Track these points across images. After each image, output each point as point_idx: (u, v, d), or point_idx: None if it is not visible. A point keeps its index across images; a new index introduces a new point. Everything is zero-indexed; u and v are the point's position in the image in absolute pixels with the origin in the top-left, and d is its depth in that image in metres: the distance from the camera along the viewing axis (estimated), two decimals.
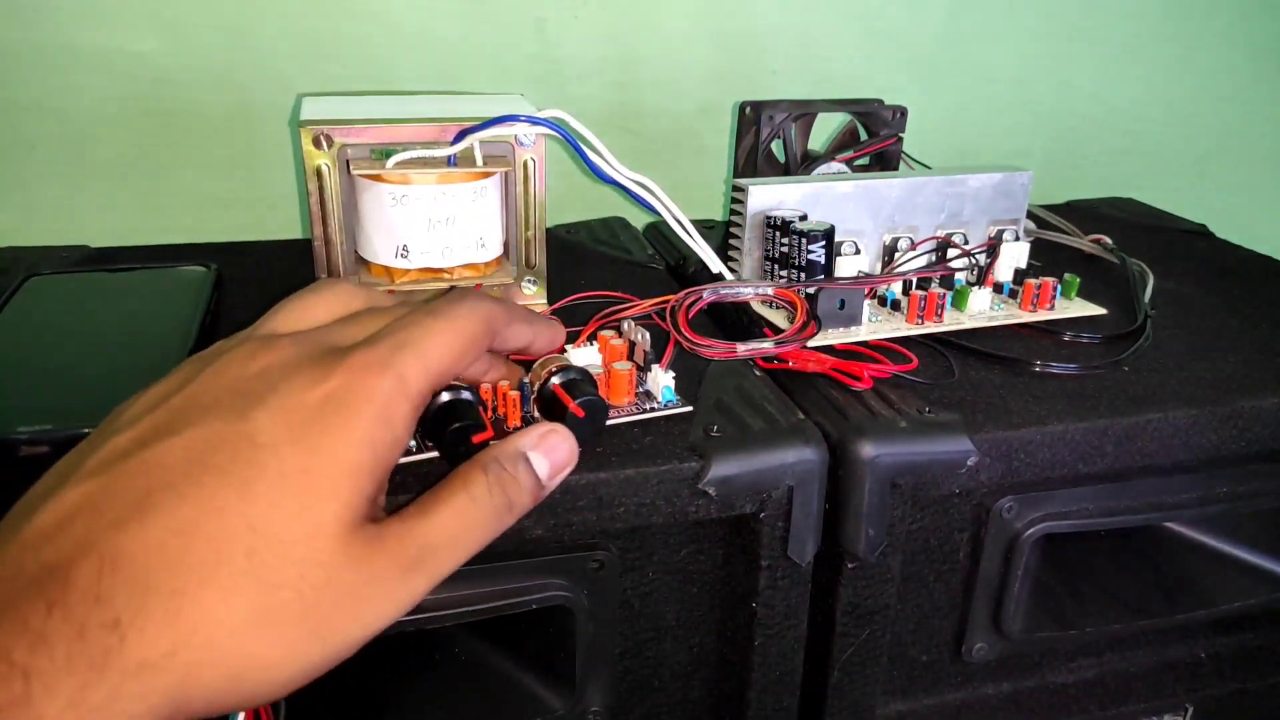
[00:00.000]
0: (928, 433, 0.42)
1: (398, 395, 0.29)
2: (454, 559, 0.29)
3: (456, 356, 0.31)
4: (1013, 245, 0.56)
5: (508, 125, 0.48)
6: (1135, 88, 0.89)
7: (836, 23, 0.78)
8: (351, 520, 0.27)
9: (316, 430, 0.27)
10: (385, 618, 0.28)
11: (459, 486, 0.30)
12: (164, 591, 0.24)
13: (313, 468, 0.26)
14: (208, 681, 0.25)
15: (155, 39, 0.66)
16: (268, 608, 0.25)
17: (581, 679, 0.43)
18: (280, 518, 0.26)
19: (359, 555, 0.27)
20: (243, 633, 0.25)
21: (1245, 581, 0.54)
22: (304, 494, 0.26)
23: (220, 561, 0.25)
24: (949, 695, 0.52)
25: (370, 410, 0.28)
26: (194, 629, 0.24)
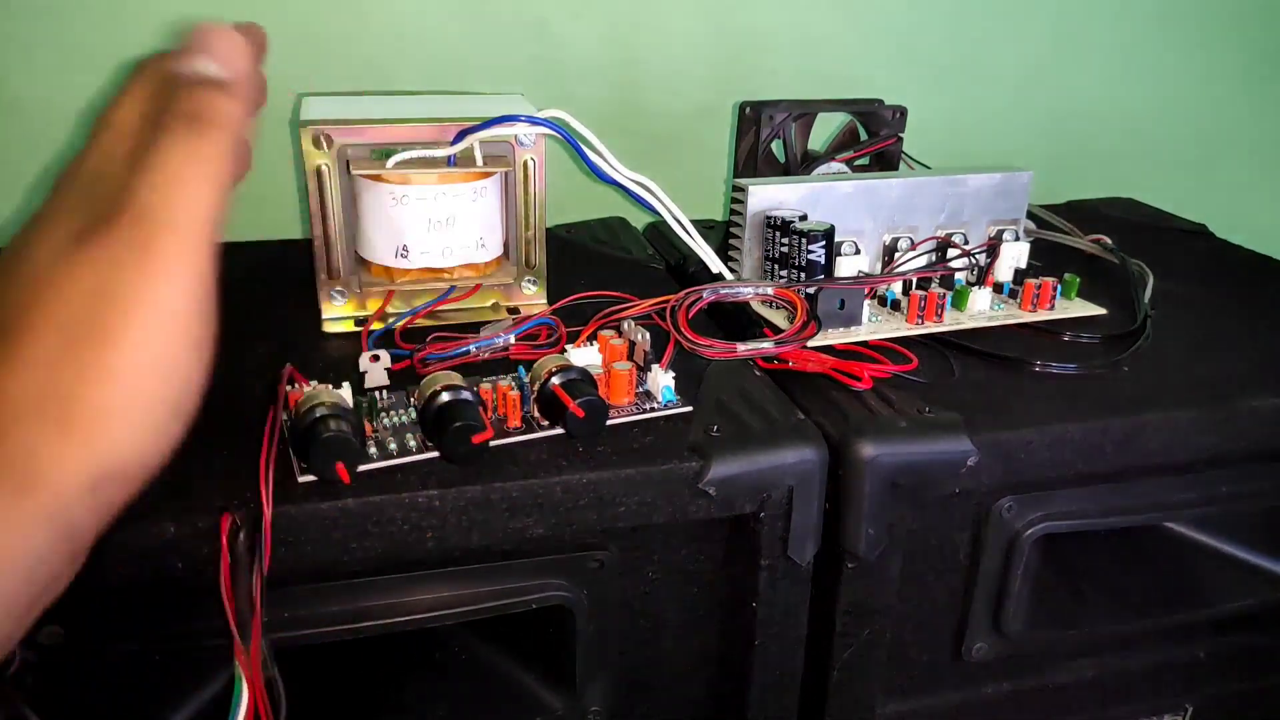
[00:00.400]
0: (928, 433, 0.42)
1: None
2: (184, 205, 0.28)
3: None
4: (1013, 245, 0.56)
5: (508, 125, 0.48)
6: (1135, 88, 0.89)
7: (836, 23, 0.78)
8: (77, 227, 0.27)
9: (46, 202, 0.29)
10: (160, 291, 0.27)
11: (144, 146, 0.28)
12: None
13: (26, 232, 0.28)
14: (37, 448, 0.25)
15: (156, 39, 0.66)
16: (43, 346, 0.26)
17: (582, 679, 0.43)
18: (25, 264, 0.27)
19: (90, 255, 0.27)
20: (32, 377, 0.25)
21: (1245, 581, 0.54)
22: (21, 253, 0.28)
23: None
24: (949, 695, 0.52)
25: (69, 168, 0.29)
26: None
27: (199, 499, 0.35)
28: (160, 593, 0.35)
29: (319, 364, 0.47)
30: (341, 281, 0.50)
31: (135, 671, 0.37)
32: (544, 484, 0.37)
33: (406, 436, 0.39)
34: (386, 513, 0.36)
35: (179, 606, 0.36)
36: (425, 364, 0.45)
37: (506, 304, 0.53)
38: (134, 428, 0.26)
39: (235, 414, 0.41)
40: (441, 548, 0.37)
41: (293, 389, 0.39)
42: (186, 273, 0.27)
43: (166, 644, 0.37)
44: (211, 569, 0.34)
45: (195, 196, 0.28)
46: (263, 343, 0.48)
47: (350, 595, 0.39)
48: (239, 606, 0.33)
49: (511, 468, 0.38)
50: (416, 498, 0.36)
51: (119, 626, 0.36)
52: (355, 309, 0.51)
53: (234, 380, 0.44)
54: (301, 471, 0.36)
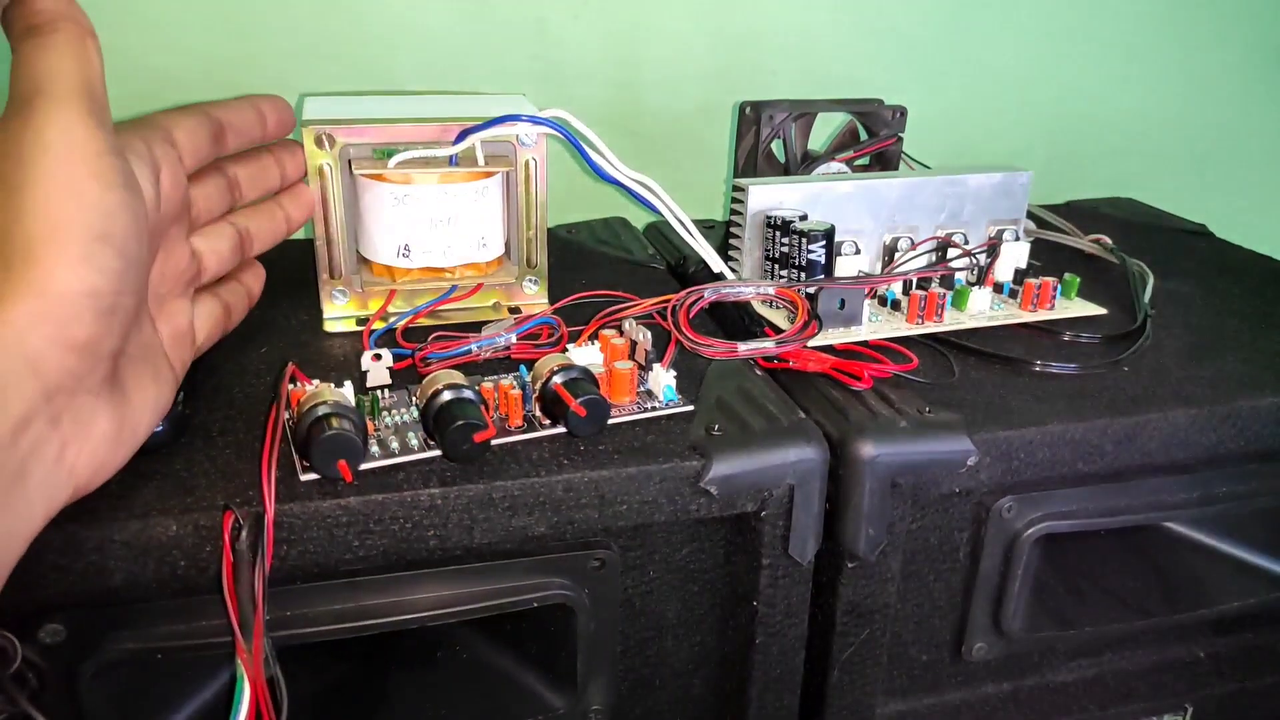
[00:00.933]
0: (928, 433, 0.42)
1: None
2: (52, 77, 0.32)
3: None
4: (1013, 245, 0.56)
5: (509, 125, 0.48)
6: (1135, 88, 0.89)
7: (836, 23, 0.79)
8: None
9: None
10: (50, 136, 0.31)
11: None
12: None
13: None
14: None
15: (156, 39, 0.66)
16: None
17: (582, 677, 0.43)
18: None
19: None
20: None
21: (1245, 581, 0.54)
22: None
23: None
24: (949, 695, 0.52)
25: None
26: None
27: (201, 497, 0.35)
28: (162, 591, 0.35)
29: (321, 363, 0.47)
30: (343, 281, 0.50)
31: (137, 670, 0.37)
32: (545, 482, 0.38)
33: (408, 435, 0.39)
34: (388, 511, 0.36)
35: (181, 606, 0.37)
36: (427, 363, 0.45)
37: (508, 303, 0.53)
38: (63, 253, 0.30)
39: (237, 413, 0.41)
40: (443, 546, 0.37)
41: (295, 388, 0.39)
42: (66, 122, 0.31)
43: (168, 642, 0.37)
44: (214, 567, 0.34)
45: (58, 70, 0.32)
46: (265, 342, 0.48)
47: (351, 594, 0.39)
48: (241, 605, 0.33)
49: (513, 466, 0.38)
50: (418, 496, 0.36)
51: (121, 625, 0.36)
52: (357, 308, 0.51)
53: (236, 379, 0.44)
54: (304, 470, 0.36)
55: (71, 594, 0.34)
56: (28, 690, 0.35)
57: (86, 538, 0.33)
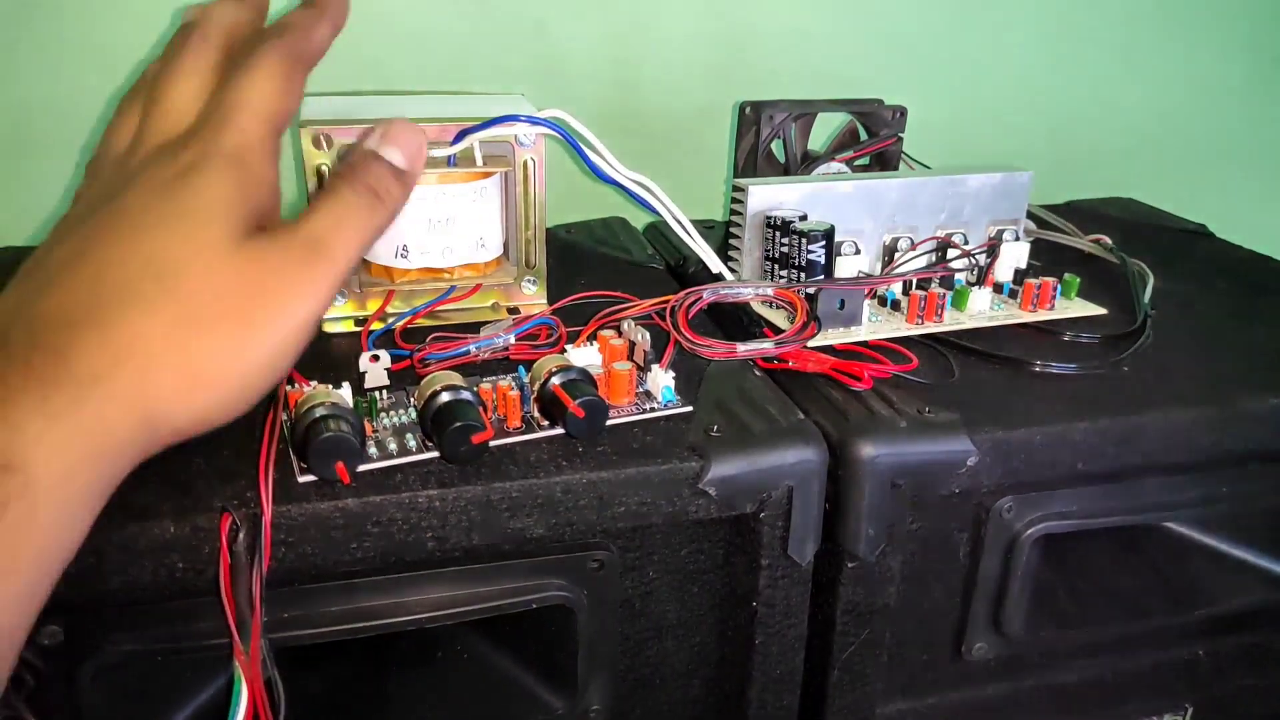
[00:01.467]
0: (928, 433, 0.42)
1: (237, 146, 0.33)
2: (344, 248, 0.34)
3: (282, 89, 0.34)
4: (1013, 245, 0.56)
5: (508, 125, 0.48)
6: (1135, 88, 0.89)
7: (836, 23, 0.78)
8: (235, 234, 0.31)
9: (179, 186, 0.31)
10: (304, 304, 0.32)
11: (326, 192, 0.35)
12: (89, 323, 0.29)
13: (185, 209, 0.31)
14: (165, 385, 0.29)
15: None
16: (188, 313, 0.30)
17: (582, 678, 0.43)
18: (172, 247, 0.30)
19: (255, 255, 0.31)
20: (175, 335, 0.29)
21: (1245, 581, 0.54)
22: (185, 227, 0.31)
23: (131, 291, 0.29)
24: (949, 695, 0.52)
25: (220, 160, 0.32)
26: (129, 342, 0.29)
27: (199, 498, 0.35)
28: (160, 592, 0.35)
29: (319, 364, 0.47)
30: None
31: (135, 671, 0.37)
32: (544, 484, 0.37)
33: (406, 436, 0.39)
34: (386, 512, 0.36)
35: (178, 606, 0.36)
36: (425, 364, 0.45)
37: (506, 304, 0.53)
38: (235, 398, 0.31)
39: None
40: (441, 547, 0.37)
41: (292, 389, 0.39)
42: (323, 299, 0.33)
43: (166, 644, 0.37)
44: (211, 569, 0.34)
45: (352, 243, 0.34)
46: None
47: (350, 595, 0.39)
48: (239, 607, 0.33)
49: (511, 467, 0.38)
50: (416, 498, 0.36)
51: (119, 626, 0.36)
52: (355, 309, 0.51)
53: None
54: (301, 471, 0.36)
55: (69, 596, 0.33)
56: (26, 692, 0.35)
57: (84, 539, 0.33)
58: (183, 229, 0.31)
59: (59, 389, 0.27)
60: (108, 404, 0.28)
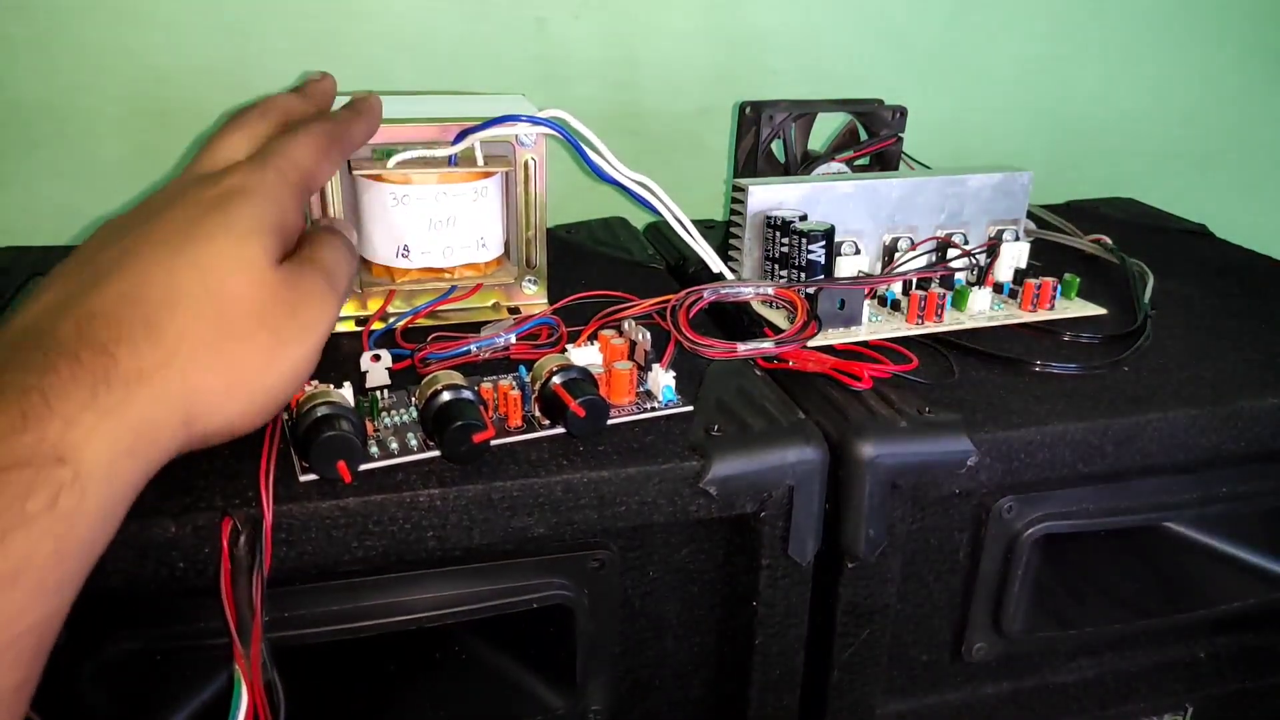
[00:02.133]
0: (928, 433, 0.42)
1: (275, 182, 0.36)
2: (345, 282, 0.39)
3: (318, 156, 0.39)
4: (1013, 245, 0.56)
5: (509, 125, 0.48)
6: (1136, 88, 0.89)
7: (836, 23, 0.78)
8: (271, 255, 0.34)
9: (225, 204, 0.34)
10: (321, 326, 0.36)
11: (321, 239, 0.39)
12: (138, 322, 0.30)
13: (229, 226, 0.34)
14: (205, 388, 0.31)
15: (156, 39, 0.66)
16: (231, 321, 0.32)
17: (582, 678, 0.43)
18: (220, 260, 0.33)
19: (287, 277, 0.35)
20: (219, 342, 0.32)
21: (1245, 581, 0.54)
22: (229, 242, 0.33)
23: (180, 294, 0.31)
24: (949, 695, 0.52)
25: (261, 189, 0.35)
26: (175, 343, 0.30)
27: (199, 498, 0.35)
28: (161, 591, 0.35)
29: (320, 364, 0.47)
30: None
31: (135, 671, 0.37)
32: (545, 483, 0.37)
33: (407, 436, 0.39)
34: (387, 512, 0.36)
35: (179, 606, 0.37)
36: (426, 363, 0.45)
37: (507, 304, 0.53)
38: (262, 406, 0.34)
39: None
40: (442, 547, 0.37)
41: None
42: (332, 324, 0.37)
43: (166, 643, 0.37)
44: (212, 568, 0.34)
45: (346, 281, 0.39)
46: None
47: (351, 595, 0.39)
48: (239, 610, 0.33)
49: (512, 467, 0.38)
50: (417, 497, 0.36)
51: (120, 625, 0.36)
52: (356, 309, 0.51)
53: None
54: (303, 471, 0.36)
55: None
56: None
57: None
58: (228, 244, 0.33)
59: (109, 387, 0.28)
60: (154, 401, 0.30)
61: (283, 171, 0.37)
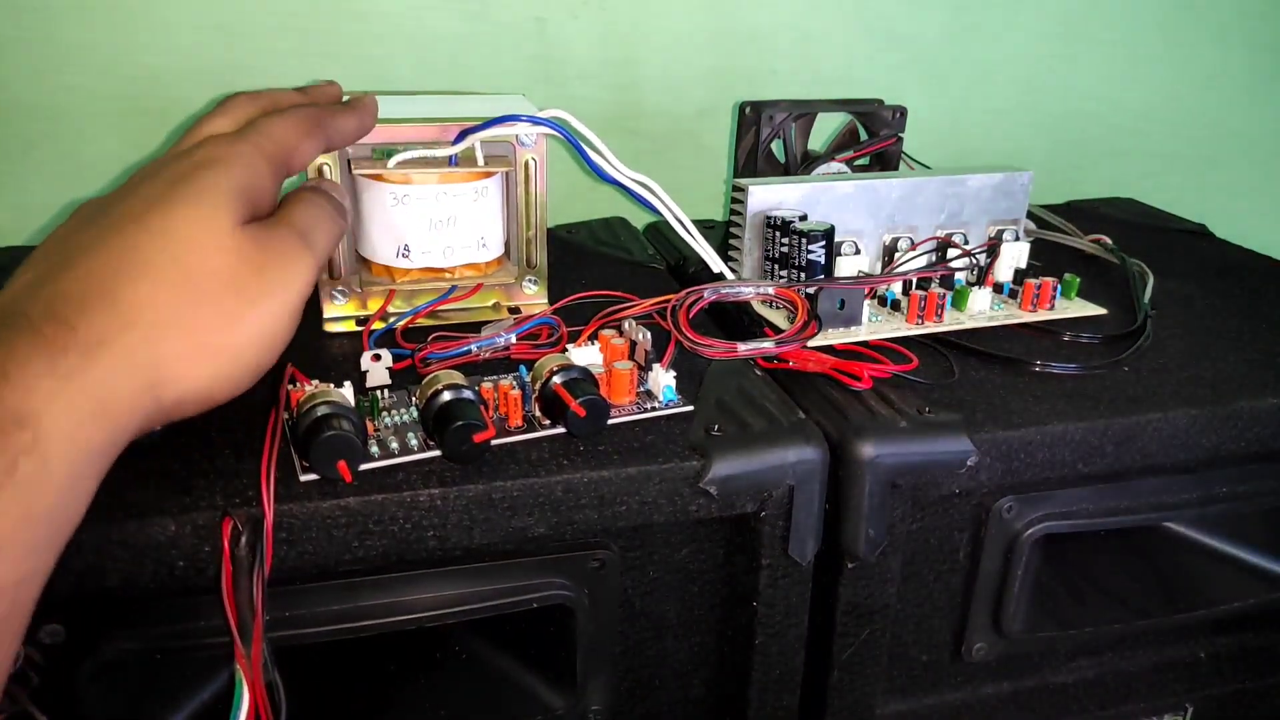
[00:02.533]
0: (928, 433, 0.42)
1: (248, 151, 0.37)
2: (322, 242, 0.38)
3: (298, 135, 0.39)
4: (1013, 245, 0.56)
5: (509, 125, 0.48)
6: (1136, 88, 0.89)
7: (836, 23, 0.78)
8: (237, 219, 0.35)
9: (193, 176, 0.35)
10: (292, 285, 0.35)
11: (299, 198, 0.40)
12: (100, 294, 0.31)
13: (195, 194, 0.34)
14: (169, 351, 0.31)
15: (154, 39, 0.66)
16: (194, 284, 0.32)
17: (582, 678, 0.43)
18: (183, 226, 0.33)
19: (254, 238, 0.35)
20: (180, 304, 0.32)
21: (1245, 581, 0.54)
22: (193, 209, 0.34)
23: (143, 264, 0.32)
24: (949, 695, 0.52)
25: (229, 157, 0.36)
26: (137, 311, 0.31)
27: (199, 497, 0.35)
28: (161, 591, 0.35)
29: (320, 363, 0.47)
30: (343, 281, 0.50)
31: (135, 671, 0.37)
32: (545, 483, 0.37)
33: (408, 435, 0.39)
34: (388, 511, 0.36)
35: (180, 605, 0.37)
36: (426, 363, 0.45)
37: (507, 303, 0.53)
38: (234, 369, 0.34)
39: (236, 412, 0.41)
40: (442, 547, 0.37)
41: (294, 388, 0.39)
42: (307, 284, 0.36)
43: (167, 643, 0.37)
44: (212, 567, 0.34)
45: (325, 241, 0.39)
46: None
47: (351, 594, 0.39)
48: (240, 610, 0.33)
49: (513, 467, 0.38)
50: (418, 496, 0.36)
51: (119, 625, 0.36)
52: (356, 308, 0.51)
53: None
54: (303, 470, 0.36)
55: (71, 594, 0.34)
56: (28, 689, 0.35)
57: (85, 538, 0.33)
58: (190, 210, 0.34)
59: (66, 354, 0.29)
60: (115, 366, 0.30)
61: (257, 143, 0.37)
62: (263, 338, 0.34)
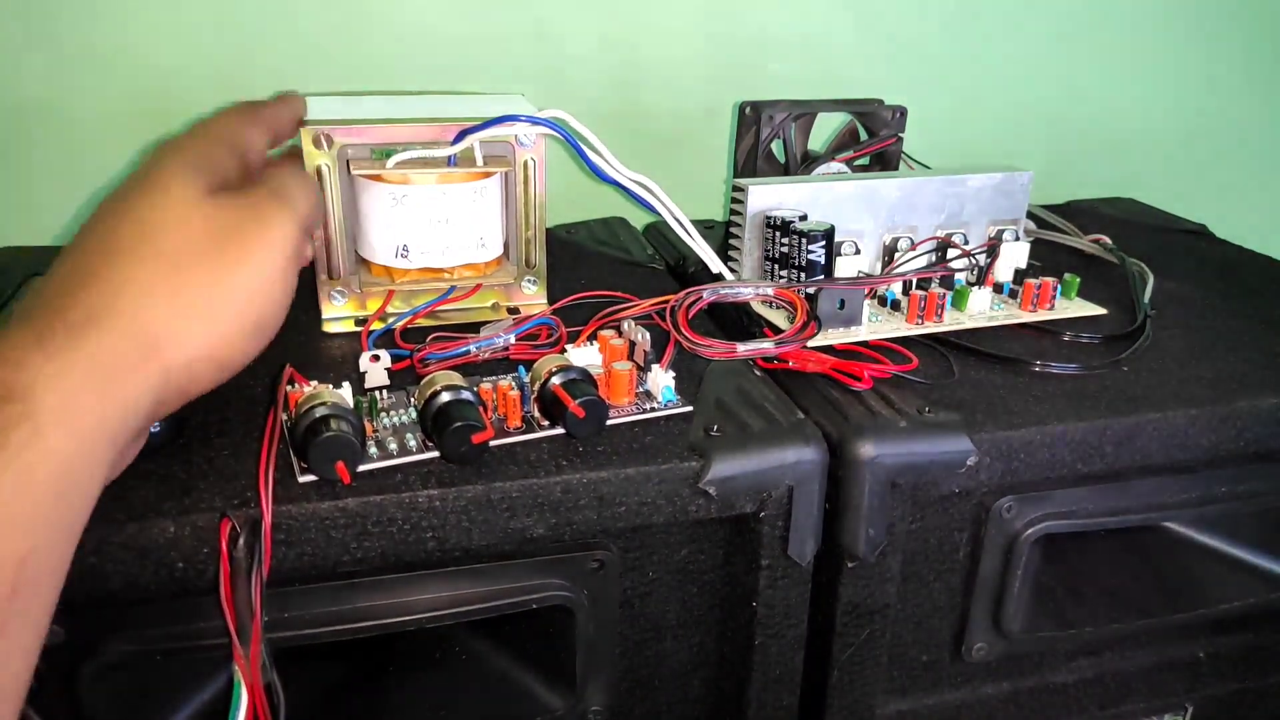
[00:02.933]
0: (928, 433, 0.42)
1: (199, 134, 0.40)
2: (301, 200, 0.39)
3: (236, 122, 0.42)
4: (1013, 245, 0.56)
5: (508, 125, 0.48)
6: (1135, 88, 0.89)
7: (836, 23, 0.78)
8: (202, 191, 0.36)
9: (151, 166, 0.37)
10: (272, 241, 0.37)
11: (275, 167, 0.42)
12: (84, 279, 0.32)
13: (159, 180, 0.36)
14: (160, 316, 0.33)
15: (156, 39, 0.66)
16: (171, 258, 0.34)
17: (582, 678, 0.43)
18: (152, 207, 0.35)
19: (224, 204, 0.36)
20: (164, 276, 0.33)
21: (1245, 581, 0.54)
22: (158, 194, 0.35)
23: (119, 249, 0.34)
24: (949, 695, 0.52)
25: (181, 145, 0.38)
26: (119, 288, 0.32)
27: (199, 499, 0.35)
28: (160, 592, 0.35)
29: (319, 364, 0.47)
30: (341, 281, 0.50)
31: (135, 671, 0.37)
32: (544, 484, 0.37)
33: (406, 436, 0.39)
34: (387, 512, 0.36)
35: (179, 607, 0.36)
36: (425, 364, 0.45)
37: (506, 304, 0.53)
38: (230, 326, 0.35)
39: (235, 414, 0.41)
40: (441, 548, 0.37)
41: (293, 389, 0.39)
42: (290, 239, 0.37)
43: (166, 644, 0.37)
44: (211, 568, 0.34)
45: (305, 200, 0.40)
46: None
47: (350, 595, 0.39)
48: (239, 611, 0.33)
49: (511, 467, 0.38)
50: (417, 497, 0.36)
51: (119, 626, 0.36)
52: (355, 309, 0.51)
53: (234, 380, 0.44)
54: (302, 471, 0.36)
55: (70, 596, 0.33)
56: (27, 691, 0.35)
57: (85, 540, 0.33)
58: (157, 192, 0.35)
59: (53, 333, 0.30)
60: (104, 338, 0.31)
61: (205, 128, 0.40)
62: (254, 293, 0.36)
